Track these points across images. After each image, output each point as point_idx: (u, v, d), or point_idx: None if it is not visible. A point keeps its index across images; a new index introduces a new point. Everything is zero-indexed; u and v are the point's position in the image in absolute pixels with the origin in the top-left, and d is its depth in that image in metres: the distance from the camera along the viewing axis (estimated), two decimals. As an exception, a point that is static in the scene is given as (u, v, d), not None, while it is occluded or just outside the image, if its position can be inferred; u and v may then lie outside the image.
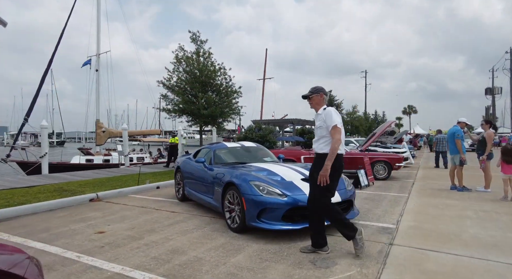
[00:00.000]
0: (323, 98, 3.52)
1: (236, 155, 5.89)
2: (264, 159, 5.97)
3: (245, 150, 6.07)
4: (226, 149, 5.97)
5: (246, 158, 5.82)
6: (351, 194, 4.50)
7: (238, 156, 5.85)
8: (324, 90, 3.56)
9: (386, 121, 42.26)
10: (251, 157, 5.90)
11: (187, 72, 12.49)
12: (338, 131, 3.24)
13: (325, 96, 3.57)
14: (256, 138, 17.24)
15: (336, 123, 3.25)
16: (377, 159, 9.44)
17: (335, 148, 3.19)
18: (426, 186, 8.16)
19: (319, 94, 3.51)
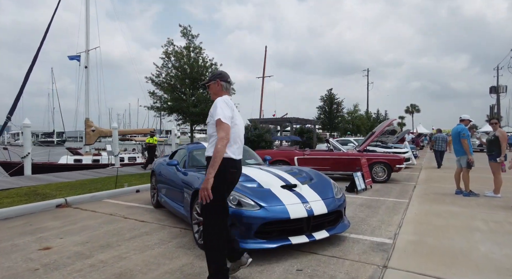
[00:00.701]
0: (221, 86, 2.75)
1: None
2: (247, 161, 5.32)
3: (225, 151, 5.42)
4: (203, 150, 5.33)
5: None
6: (340, 204, 3.84)
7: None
8: (223, 76, 2.78)
9: (386, 119, 41.62)
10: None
11: (177, 68, 11.87)
12: (223, 128, 2.44)
13: (225, 83, 2.76)
14: (251, 137, 16.62)
15: (219, 117, 2.46)
16: (376, 160, 8.77)
17: (218, 150, 2.39)
18: (428, 190, 7.48)
19: (216, 81, 2.75)
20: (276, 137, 15.87)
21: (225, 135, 2.43)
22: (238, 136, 2.64)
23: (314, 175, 4.36)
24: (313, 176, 4.28)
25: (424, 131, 51.70)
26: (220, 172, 2.45)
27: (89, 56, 15.74)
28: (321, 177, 4.32)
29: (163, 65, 11.91)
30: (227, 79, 2.80)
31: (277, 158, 9.24)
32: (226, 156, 2.50)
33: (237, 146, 2.63)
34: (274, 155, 9.32)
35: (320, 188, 3.91)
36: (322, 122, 30.35)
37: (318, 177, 4.27)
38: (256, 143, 16.49)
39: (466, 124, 6.76)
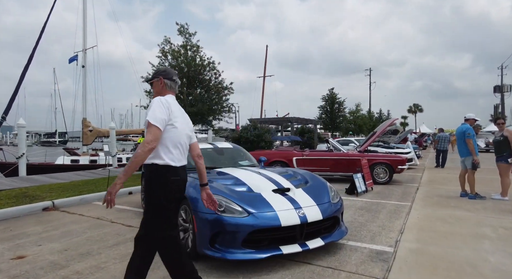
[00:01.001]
0: (164, 85, 2.42)
1: (205, 158, 4.97)
2: (240, 162, 5.06)
3: (217, 152, 5.15)
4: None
5: (217, 161, 4.91)
6: (336, 209, 3.56)
7: (208, 160, 4.93)
8: (167, 73, 2.46)
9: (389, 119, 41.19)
10: (223, 161, 5.00)
11: (173, 67, 11.60)
12: (151, 131, 2.12)
13: (169, 81, 2.44)
14: (251, 137, 16.35)
15: (149, 118, 2.15)
16: (377, 161, 8.47)
17: (136, 155, 2.06)
18: (432, 193, 7.18)
19: (159, 78, 2.43)
20: (276, 137, 15.60)
21: (151, 139, 2.09)
22: (179, 141, 2.31)
23: (310, 177, 4.08)
24: (309, 179, 4.01)
25: (427, 131, 51.28)
26: (161, 182, 2.19)
27: (86, 55, 15.55)
28: (317, 180, 4.04)
29: (160, 64, 11.66)
30: (172, 76, 2.47)
31: (275, 158, 8.97)
32: (164, 163, 2.21)
33: (178, 151, 2.30)
34: (272, 155, 9.05)
35: (315, 192, 3.63)
36: (323, 122, 30.03)
37: (313, 180, 4.00)
38: (255, 143, 16.21)
39: (471, 123, 6.45)
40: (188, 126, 2.48)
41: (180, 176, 2.31)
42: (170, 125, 2.24)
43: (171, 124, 2.25)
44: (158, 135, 2.15)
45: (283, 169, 4.63)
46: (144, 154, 2.09)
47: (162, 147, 2.21)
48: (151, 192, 2.23)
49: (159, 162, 2.20)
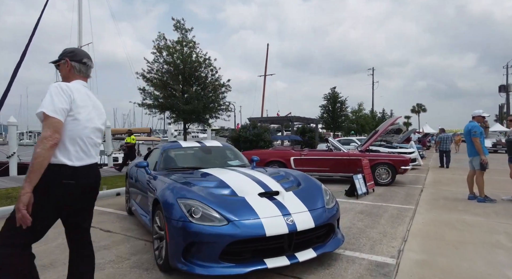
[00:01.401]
0: (71, 68, 2.03)
1: (191, 158, 4.59)
2: (229, 162, 4.66)
3: (205, 151, 4.75)
4: (178, 150, 4.67)
5: (204, 161, 4.52)
6: (331, 215, 3.15)
7: (194, 159, 4.55)
8: (75, 54, 2.06)
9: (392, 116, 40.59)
10: (211, 161, 4.60)
11: (169, 63, 11.24)
12: (49, 123, 1.75)
13: (78, 63, 2.03)
14: (250, 137, 15.98)
15: (43, 109, 1.76)
16: (379, 161, 8.04)
17: (37, 156, 1.68)
18: (437, 195, 6.75)
19: (65, 61, 2.03)
20: (276, 136, 15.20)
21: (50, 133, 1.72)
22: (79, 136, 1.91)
23: (303, 179, 3.68)
24: (301, 181, 3.60)
25: (431, 131, 50.65)
26: (45, 184, 1.75)
27: (81, 52, 15.18)
28: (311, 182, 3.64)
29: (155, 60, 11.29)
30: (82, 59, 2.06)
31: (272, 158, 8.56)
32: (57, 162, 1.80)
33: (77, 148, 1.90)
34: (269, 155, 8.65)
35: (308, 196, 3.23)
36: (325, 121, 29.56)
37: (307, 182, 3.59)
38: (254, 143, 15.84)
39: (479, 121, 6.02)
40: (100, 119, 2.08)
41: (77, 180, 1.87)
42: (69, 117, 1.85)
43: (71, 115, 1.85)
44: (58, 128, 1.76)
45: (275, 169, 4.23)
46: (45, 152, 1.69)
47: None
48: (35, 194, 1.73)
49: (52, 161, 1.77)
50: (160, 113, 11.73)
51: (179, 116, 11.26)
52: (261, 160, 8.60)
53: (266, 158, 8.59)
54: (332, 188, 7.76)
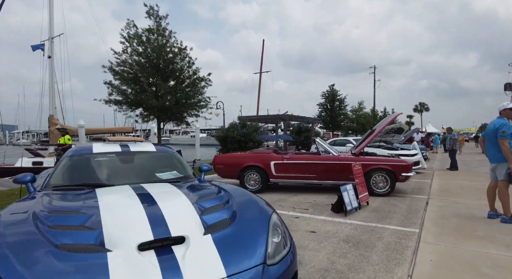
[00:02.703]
0: None
1: (101, 168, 3.24)
2: (159, 175, 3.32)
3: (124, 159, 3.41)
4: (86, 156, 3.33)
5: (120, 174, 3.18)
6: (277, 276, 1.81)
7: (104, 171, 3.21)
8: None
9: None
10: (132, 172, 3.26)
11: (140, 54, 9.92)
12: None
13: None
14: (238, 137, 14.67)
15: None
16: (375, 167, 6.69)
17: None
18: (447, 210, 5.39)
19: None
20: (264, 136, 13.88)
21: None
22: None
23: (243, 206, 2.34)
24: (239, 211, 2.25)
25: (434, 131, 49.15)
26: None
27: (53, 44, 13.93)
28: (254, 212, 2.30)
29: (123, 50, 9.96)
30: None
31: (249, 163, 7.22)
32: None
33: None
34: (245, 159, 7.31)
35: (238, 243, 1.89)
36: (323, 120, 28.14)
37: (247, 213, 2.24)
38: (243, 143, 14.53)
39: (509, 116, 4.63)
40: None
41: None
42: None
43: None
44: None
45: (211, 188, 2.87)
46: None
47: None
48: None
49: None
50: (132, 110, 10.42)
51: (151, 114, 9.95)
52: (236, 165, 7.28)
53: (242, 162, 7.26)
54: (318, 200, 6.45)
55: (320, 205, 5.88)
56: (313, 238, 3.95)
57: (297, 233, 4.15)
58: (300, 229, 4.35)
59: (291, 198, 6.61)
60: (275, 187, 7.90)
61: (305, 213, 5.28)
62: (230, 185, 2.97)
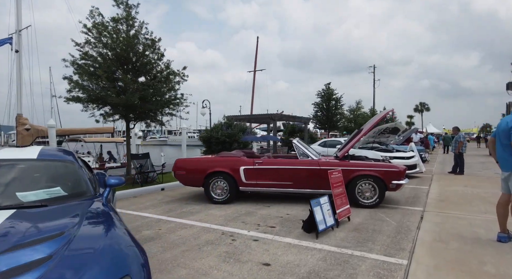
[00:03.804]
0: None
1: None
2: (22, 196, 2.28)
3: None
4: None
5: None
6: None
7: None
8: None
9: (393, 118, 37.96)
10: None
11: (105, 45, 8.86)
12: None
13: None
14: (222, 138, 13.67)
15: None
16: (361, 173, 5.65)
17: None
18: (446, 229, 4.36)
19: None
20: (248, 137, 12.87)
21: None
22: None
23: (81, 259, 1.31)
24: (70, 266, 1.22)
25: (435, 131, 48.11)
26: None
27: (21, 37, 12.96)
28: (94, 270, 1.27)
29: (87, 42, 8.91)
30: None
31: (216, 168, 6.18)
32: None
33: None
34: (211, 164, 6.27)
35: None
36: (319, 120, 27.08)
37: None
38: (228, 145, 13.52)
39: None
40: None
41: None
42: None
43: None
44: None
45: (73, 221, 1.85)
46: None
47: None
48: None
49: None
50: (99, 108, 9.36)
51: (116, 112, 8.90)
52: (200, 171, 6.25)
53: (206, 168, 6.22)
54: (292, 213, 5.39)
55: (291, 221, 4.84)
56: (262, 276, 2.92)
57: (245, 266, 3.13)
58: (251, 259, 3.32)
59: (262, 210, 5.58)
60: (248, 195, 6.87)
61: (269, 233, 4.24)
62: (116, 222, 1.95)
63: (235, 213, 5.41)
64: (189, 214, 5.38)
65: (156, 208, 5.89)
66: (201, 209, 5.75)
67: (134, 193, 7.36)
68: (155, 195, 7.23)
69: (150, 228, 4.58)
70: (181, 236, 4.13)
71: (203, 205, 6.03)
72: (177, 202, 6.44)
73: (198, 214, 5.37)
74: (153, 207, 5.94)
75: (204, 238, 4.06)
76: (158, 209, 5.80)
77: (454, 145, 10.76)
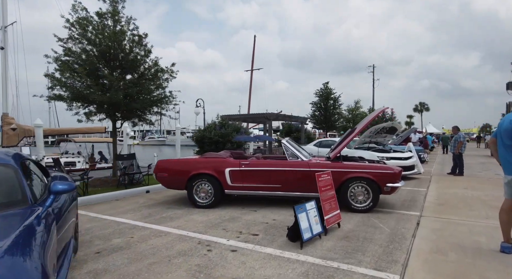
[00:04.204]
0: None
1: None
2: None
3: None
4: None
5: None
6: None
7: None
8: None
9: (393, 118, 37.58)
10: None
11: (90, 41, 8.47)
12: None
13: None
14: (215, 137, 13.32)
15: None
16: (353, 175, 5.28)
17: None
18: (444, 236, 3.99)
19: None
20: (240, 137, 12.49)
21: None
22: None
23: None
24: None
25: (434, 131, 47.77)
26: None
27: (7, 33, 12.58)
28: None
29: (70, 37, 8.49)
30: None
31: (198, 170, 5.79)
32: None
33: None
34: (195, 165, 5.89)
35: None
36: (317, 120, 26.71)
37: None
38: (221, 145, 13.17)
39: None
40: None
41: None
42: None
43: None
44: None
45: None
46: None
47: None
48: None
49: None
50: (84, 107, 8.97)
51: (100, 111, 8.50)
52: (183, 173, 5.87)
53: (189, 170, 5.84)
54: (279, 219, 4.97)
55: (277, 228, 4.47)
56: (232, 296, 2.55)
57: (215, 284, 2.75)
58: (224, 275, 2.95)
59: (247, 215, 5.20)
60: (235, 199, 6.49)
61: (250, 242, 3.87)
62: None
63: (218, 218, 5.03)
64: (169, 219, 5.01)
65: (136, 212, 5.52)
66: (183, 214, 5.37)
67: (116, 195, 6.98)
68: (138, 198, 6.86)
69: (122, 235, 4.20)
70: (152, 246, 3.76)
71: (186, 210, 5.66)
72: (159, 206, 6.06)
73: (178, 219, 4.99)
74: (133, 212, 5.57)
75: (177, 248, 3.68)
76: (137, 213, 5.43)
77: (453, 145, 10.38)
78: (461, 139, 10.17)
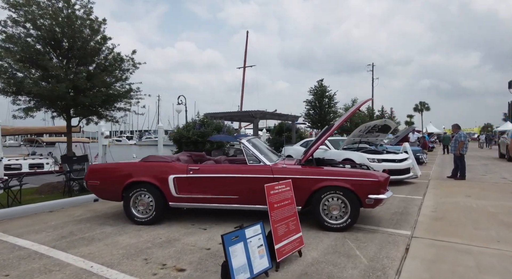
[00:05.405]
0: None
1: None
2: None
3: None
4: None
5: None
6: None
7: None
8: None
9: (392, 117, 36.32)
10: None
11: (35, 25, 7.31)
12: None
13: None
14: (193, 137, 12.19)
15: None
16: (326, 184, 4.14)
17: None
18: (440, 272, 2.85)
19: None
20: (216, 136, 11.33)
21: None
22: None
23: None
24: None
25: (435, 131, 46.58)
26: None
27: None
28: None
29: (10, 19, 7.31)
30: None
31: (135, 178, 4.65)
32: None
33: None
34: (134, 172, 4.74)
35: None
36: (311, 119, 25.55)
37: None
38: (200, 145, 12.04)
39: None
40: None
41: None
42: None
43: None
44: None
45: None
46: None
47: None
48: None
49: None
50: (28, 101, 7.79)
51: (41, 105, 7.31)
52: (117, 181, 4.73)
53: (124, 177, 4.69)
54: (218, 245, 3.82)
55: (217, 257, 3.33)
56: None
57: None
58: None
59: (190, 237, 4.07)
60: (189, 211, 5.36)
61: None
62: None
63: (150, 241, 3.89)
64: (87, 242, 3.88)
65: (55, 231, 4.39)
66: (111, 233, 4.24)
67: (52, 206, 5.84)
68: (76, 210, 5.72)
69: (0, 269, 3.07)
70: (23, 291, 2.63)
71: (119, 227, 4.53)
72: (92, 220, 4.93)
73: (98, 242, 3.86)
74: (52, 230, 4.43)
75: (55, 295, 2.55)
76: (54, 233, 4.30)
77: (454, 145, 9.21)
78: (462, 138, 8.99)
